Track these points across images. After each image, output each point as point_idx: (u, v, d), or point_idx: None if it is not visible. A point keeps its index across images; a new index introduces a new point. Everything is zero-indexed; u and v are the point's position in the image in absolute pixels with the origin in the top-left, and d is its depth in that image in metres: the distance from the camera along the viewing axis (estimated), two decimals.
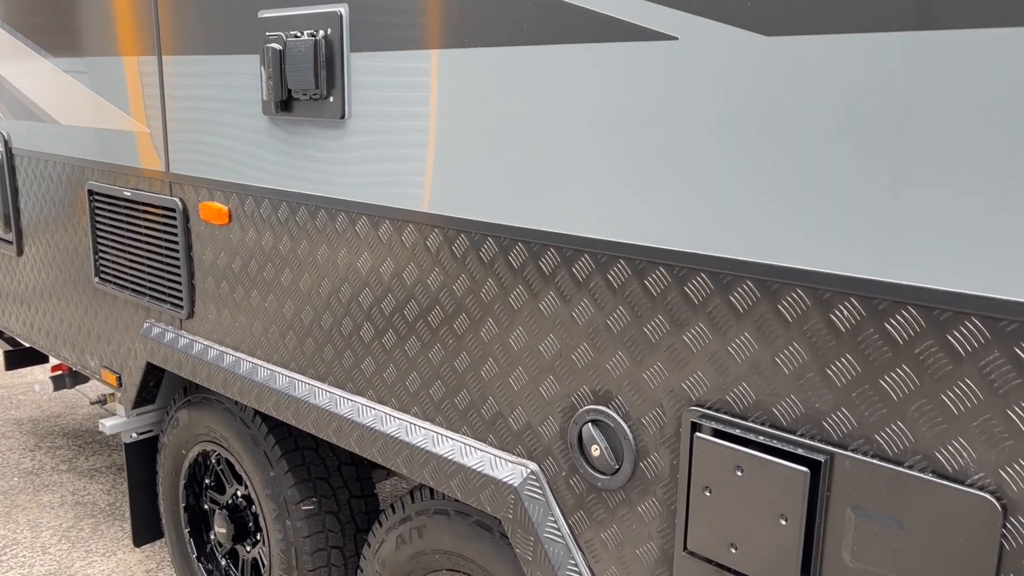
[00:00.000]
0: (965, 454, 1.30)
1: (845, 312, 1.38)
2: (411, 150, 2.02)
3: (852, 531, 1.41)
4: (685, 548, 1.63)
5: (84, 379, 4.57)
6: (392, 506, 2.49)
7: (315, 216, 2.31)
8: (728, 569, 1.57)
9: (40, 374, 6.22)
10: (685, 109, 1.52)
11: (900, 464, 1.36)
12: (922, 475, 1.33)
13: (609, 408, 1.74)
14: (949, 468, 1.31)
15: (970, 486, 1.29)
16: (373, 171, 2.12)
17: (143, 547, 3.99)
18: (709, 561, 1.60)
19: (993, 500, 1.26)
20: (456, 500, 2.29)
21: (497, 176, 1.85)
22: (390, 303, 2.15)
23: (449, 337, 2.03)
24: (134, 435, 3.51)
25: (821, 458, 1.43)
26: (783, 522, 1.47)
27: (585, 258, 1.72)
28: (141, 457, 3.55)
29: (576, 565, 1.85)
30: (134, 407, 3.22)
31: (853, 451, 1.41)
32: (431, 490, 2.37)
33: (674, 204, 1.56)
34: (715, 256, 1.52)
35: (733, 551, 1.55)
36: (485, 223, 1.89)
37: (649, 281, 1.63)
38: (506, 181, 1.83)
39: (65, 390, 6.06)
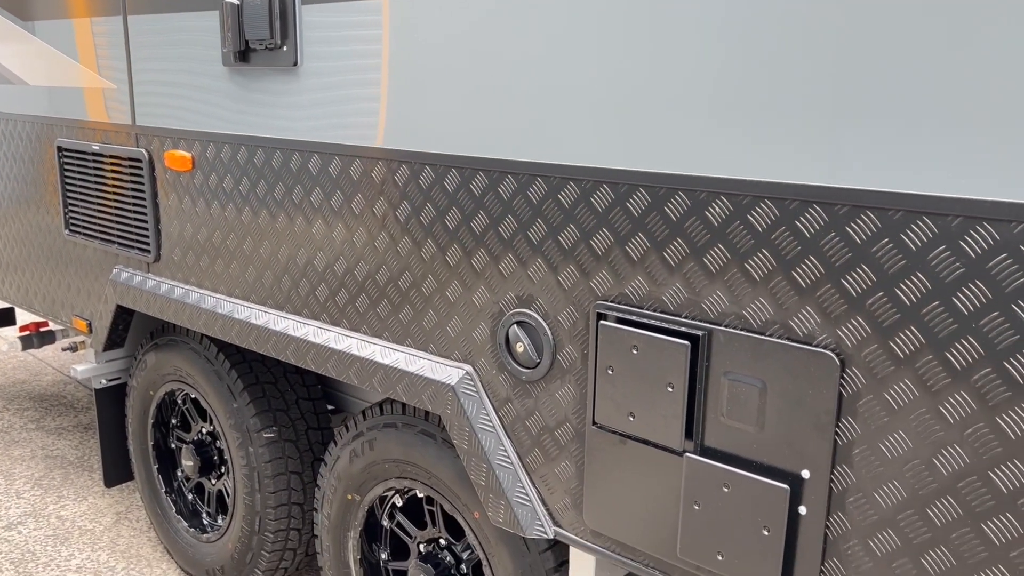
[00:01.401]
0: (812, 321, 1.57)
1: (717, 210, 1.65)
2: (361, 90, 2.25)
3: (726, 393, 1.69)
4: (594, 423, 1.90)
5: (51, 340, 4.74)
6: (346, 426, 2.73)
7: (271, 157, 2.53)
8: (628, 436, 1.84)
9: (9, 334, 6.35)
10: (607, 22, 1.78)
11: (762, 333, 1.63)
12: (779, 340, 1.60)
13: (531, 310, 2.00)
14: (800, 333, 1.59)
15: (816, 346, 1.57)
16: (325, 113, 2.35)
17: (113, 492, 4.18)
18: (613, 431, 1.87)
19: (833, 356, 1.54)
20: (403, 413, 2.53)
21: (434, 113, 2.09)
22: (340, 233, 2.39)
23: (393, 260, 2.27)
24: (103, 381, 3.71)
25: (700, 333, 1.70)
26: (670, 389, 1.74)
27: (509, 179, 1.97)
28: (110, 403, 3.74)
29: (506, 451, 2.11)
30: (104, 349, 3.41)
31: (726, 326, 1.68)
32: (380, 407, 2.61)
33: (581, 128, 1.82)
34: (612, 169, 1.78)
35: (631, 419, 1.82)
36: (422, 153, 2.13)
37: (562, 196, 1.88)
38: (438, 116, 2.08)
39: (32, 352, 6.20)
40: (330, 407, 3.37)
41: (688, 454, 1.75)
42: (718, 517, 1.72)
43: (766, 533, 1.65)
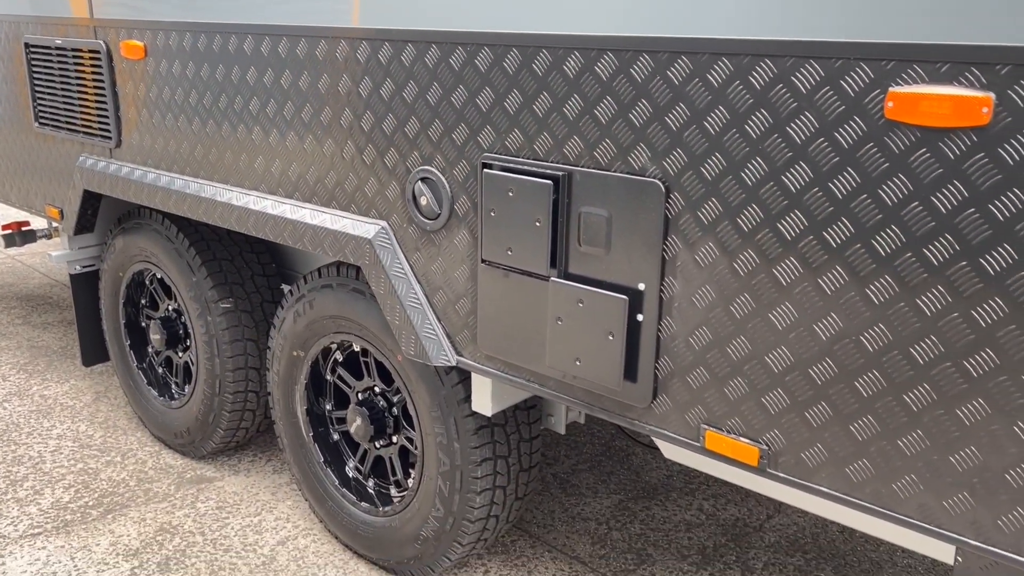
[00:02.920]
0: (643, 156, 1.86)
1: (571, 64, 1.92)
2: None
3: (581, 224, 1.99)
4: (482, 260, 2.21)
5: (32, 239, 5.02)
6: (290, 291, 3.04)
7: (212, 42, 2.78)
8: (508, 268, 2.15)
9: None
10: None
11: (608, 170, 1.92)
12: (620, 175, 1.90)
13: (432, 166, 2.29)
14: (635, 166, 1.88)
15: (646, 176, 1.86)
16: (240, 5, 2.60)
17: (94, 375, 4.52)
18: (496, 265, 2.18)
19: (659, 183, 1.84)
20: (337, 274, 2.84)
21: None
22: (272, 108, 2.66)
23: (318, 128, 2.55)
24: (78, 267, 4.01)
25: (560, 174, 1.99)
26: (537, 224, 2.04)
27: (409, 48, 2.23)
28: (85, 288, 4.05)
29: (416, 294, 2.43)
30: (75, 233, 3.70)
31: (582, 166, 1.97)
32: (319, 271, 2.92)
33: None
34: (491, 32, 2.05)
35: (510, 254, 2.12)
36: (355, 28, 2.39)
37: (452, 60, 2.15)
38: None
39: (21, 259, 6.49)
40: (285, 287, 3.68)
41: (553, 279, 2.06)
42: (575, 329, 2.04)
43: (611, 338, 1.97)
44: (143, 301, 3.85)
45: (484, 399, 2.46)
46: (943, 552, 1.90)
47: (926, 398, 1.60)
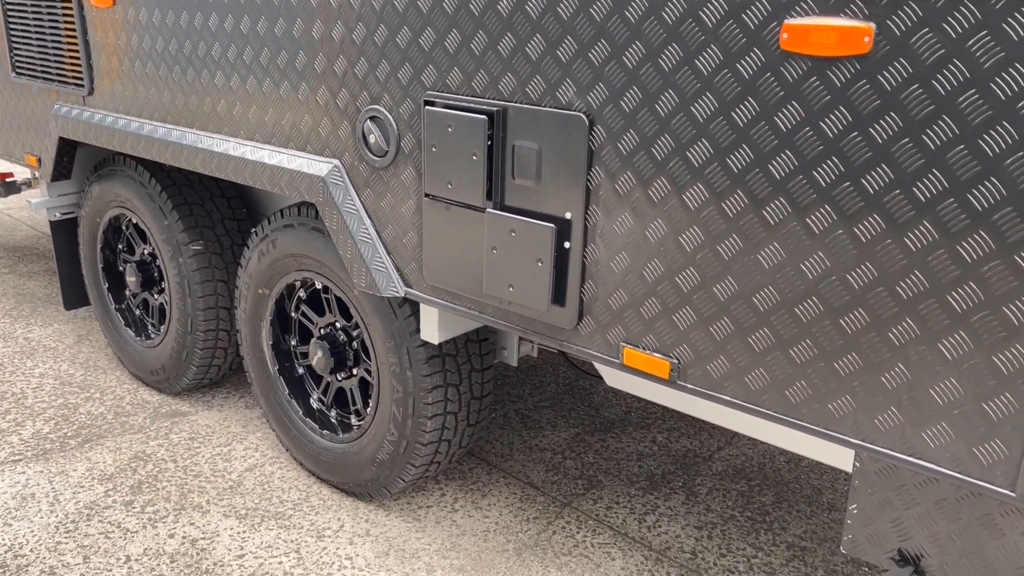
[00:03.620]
0: (570, 90, 1.98)
1: (505, 3, 2.03)
2: None
3: (514, 158, 2.11)
4: (426, 195, 2.33)
5: (16, 190, 5.13)
6: (255, 232, 3.17)
7: None
8: (448, 201, 2.28)
9: None
10: None
11: (538, 105, 2.04)
12: (548, 109, 2.02)
13: (380, 105, 2.40)
14: (562, 101, 2.00)
15: (572, 110, 1.98)
16: None
17: (76, 320, 4.66)
18: (438, 199, 2.30)
19: (583, 116, 1.96)
20: (298, 214, 2.96)
21: None
22: (233, 53, 2.76)
23: (275, 72, 2.65)
24: (58, 215, 4.13)
25: (495, 109, 2.11)
26: (474, 158, 2.17)
27: None
28: (65, 235, 4.17)
29: (367, 229, 2.56)
30: (52, 180, 3.82)
31: (515, 102, 2.09)
32: (281, 212, 3.04)
33: None
34: None
35: (450, 187, 2.25)
36: None
37: (396, 1, 2.26)
38: None
39: (8, 212, 6.59)
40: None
41: (489, 210, 2.19)
42: (509, 257, 2.17)
43: (540, 265, 2.11)
44: (120, 246, 3.97)
45: (432, 328, 2.60)
46: (843, 459, 2.06)
47: (814, 310, 1.74)
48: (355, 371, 3.07)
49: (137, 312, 4.02)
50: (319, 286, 3.07)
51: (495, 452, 3.50)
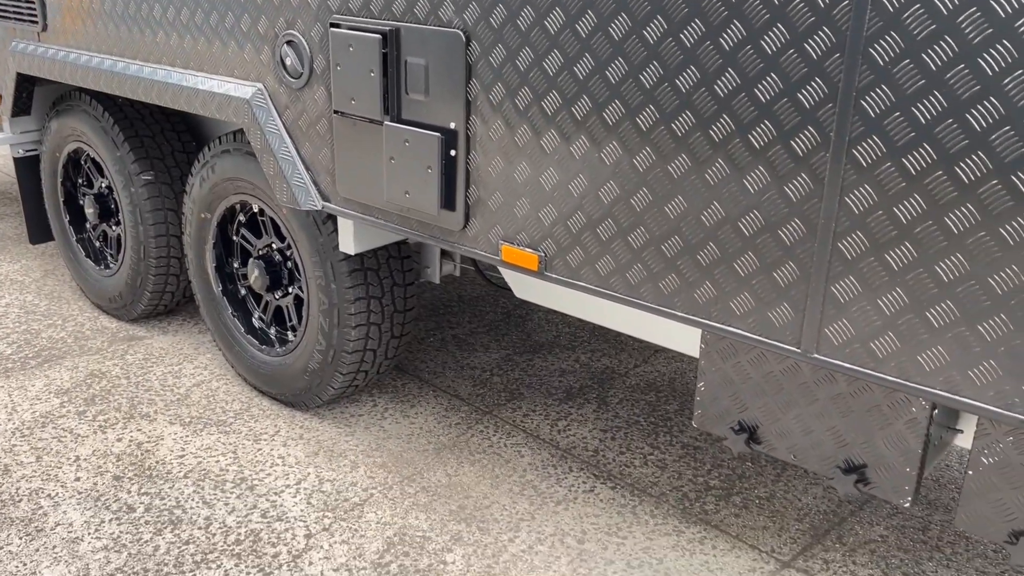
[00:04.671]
0: (449, 9, 2.19)
1: None
2: None
3: (406, 74, 2.33)
4: (334, 111, 2.55)
5: None
6: (196, 159, 3.39)
7: None
8: (353, 116, 2.50)
9: None
10: None
11: (425, 24, 2.26)
12: (432, 27, 2.23)
13: (295, 30, 2.61)
14: (443, 19, 2.22)
15: (451, 27, 2.20)
16: None
17: (44, 257, 4.89)
18: (345, 114, 2.52)
19: (460, 33, 2.18)
20: (234, 140, 3.18)
21: None
22: None
23: (205, 3, 2.86)
24: (21, 151, 4.33)
25: (389, 28, 2.32)
26: (372, 74, 2.38)
27: None
28: (29, 171, 4.38)
29: (287, 147, 2.78)
30: (13, 115, 4.02)
31: (406, 22, 2.31)
32: (219, 139, 3.26)
33: None
34: None
35: (353, 103, 2.47)
36: None
37: None
38: None
39: None
40: None
41: (386, 123, 2.41)
42: (404, 166, 2.40)
43: (429, 171, 2.34)
44: (79, 180, 4.19)
45: (348, 240, 2.83)
46: (689, 344, 2.30)
47: (645, 199, 1.97)
48: (290, 289, 3.31)
49: (97, 244, 4.25)
50: (256, 209, 3.30)
51: (428, 370, 3.75)
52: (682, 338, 2.32)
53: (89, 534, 2.72)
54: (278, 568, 2.58)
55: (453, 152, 2.31)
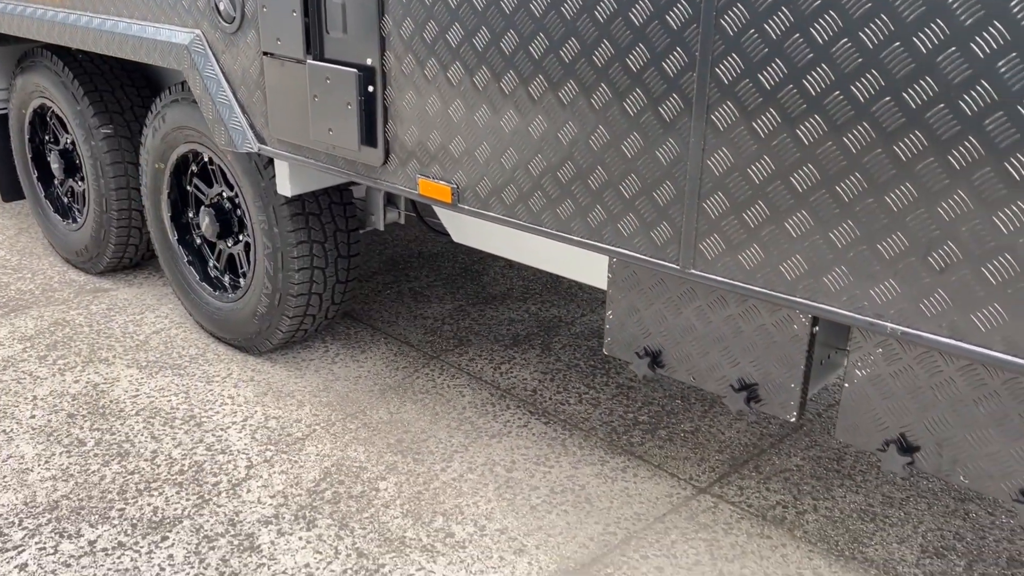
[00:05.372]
0: None
1: None
2: None
3: (326, 12, 2.40)
4: (263, 53, 2.63)
5: None
6: (149, 109, 3.47)
7: None
8: (280, 56, 2.58)
9: None
10: None
11: None
12: None
13: None
14: None
15: None
16: None
17: (19, 216, 5.00)
18: (273, 55, 2.60)
19: None
20: (182, 90, 3.26)
21: None
22: None
23: None
24: None
25: None
26: (294, 14, 2.46)
27: None
28: (1, 130, 4.49)
29: (225, 91, 2.86)
30: None
31: None
32: (169, 89, 3.34)
33: None
34: None
35: (279, 43, 2.55)
36: None
37: None
38: None
39: None
40: None
41: (309, 61, 2.49)
42: (326, 103, 2.48)
43: (349, 108, 2.42)
44: (46, 137, 4.28)
45: (284, 181, 2.92)
46: (599, 276, 2.39)
47: (541, 127, 2.05)
48: (241, 237, 3.40)
49: (65, 199, 4.35)
50: (206, 158, 3.39)
51: (382, 319, 3.85)
52: (592, 270, 2.41)
53: (39, 465, 2.84)
54: (217, 495, 2.69)
55: (371, 88, 2.39)
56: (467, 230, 2.86)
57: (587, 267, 2.42)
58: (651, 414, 3.10)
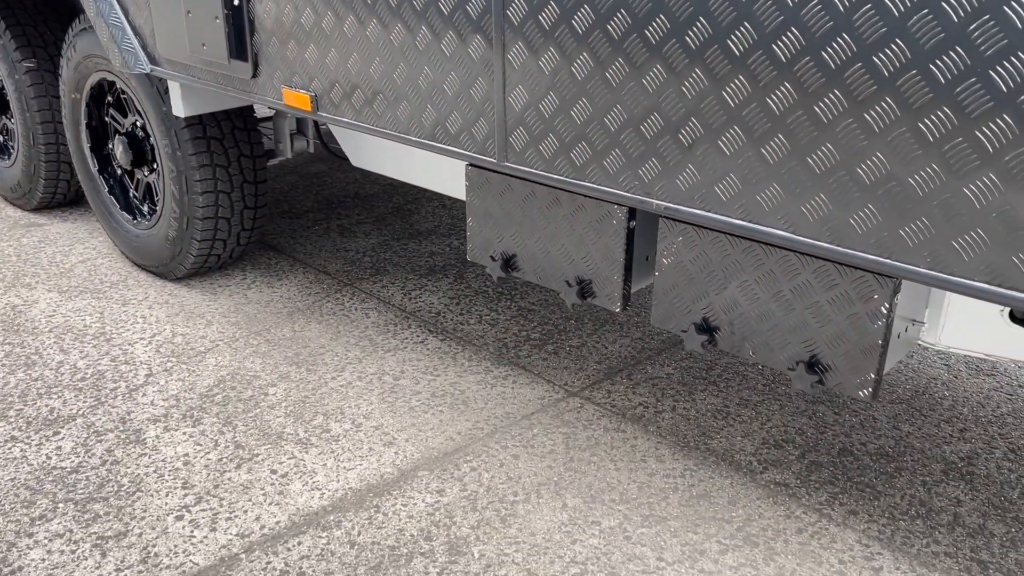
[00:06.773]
0: None
1: None
2: None
3: None
4: None
5: None
6: (63, 41, 3.54)
7: None
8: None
9: None
10: None
11: None
12: None
13: None
14: None
15: None
16: None
17: None
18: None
19: None
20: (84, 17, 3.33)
21: None
22: None
23: None
24: None
25: None
26: None
27: None
28: None
29: (117, 13, 2.93)
30: None
31: None
32: (79, 19, 3.40)
33: None
34: None
35: None
36: None
37: None
38: None
39: None
40: None
41: None
42: (197, 18, 2.55)
43: (217, 21, 2.49)
44: None
45: (177, 102, 3.00)
46: (455, 186, 2.47)
47: (377, 30, 2.12)
48: (155, 165, 3.49)
49: (1, 137, 4.44)
50: (119, 87, 3.46)
51: (304, 251, 3.94)
52: (452, 182, 2.49)
53: None
54: (113, 399, 2.81)
55: (237, 1, 2.46)
56: (360, 152, 2.94)
57: (446, 178, 2.50)
58: (543, 332, 3.19)
